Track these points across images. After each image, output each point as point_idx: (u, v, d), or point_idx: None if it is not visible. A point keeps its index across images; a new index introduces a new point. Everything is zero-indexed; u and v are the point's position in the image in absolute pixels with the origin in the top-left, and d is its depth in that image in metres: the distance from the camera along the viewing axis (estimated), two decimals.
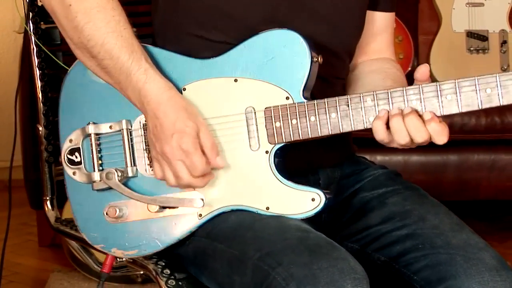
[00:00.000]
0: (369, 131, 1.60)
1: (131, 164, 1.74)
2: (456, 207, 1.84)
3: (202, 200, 1.68)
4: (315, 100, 1.61)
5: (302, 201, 1.64)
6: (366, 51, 1.91)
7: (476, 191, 3.79)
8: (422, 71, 1.58)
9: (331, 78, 1.77)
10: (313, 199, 1.63)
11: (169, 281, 1.73)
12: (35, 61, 2.03)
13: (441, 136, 1.55)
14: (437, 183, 3.66)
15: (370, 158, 1.92)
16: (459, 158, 3.73)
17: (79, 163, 1.78)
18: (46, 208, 2.07)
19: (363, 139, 1.68)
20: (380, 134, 1.58)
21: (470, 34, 4.06)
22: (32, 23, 2.01)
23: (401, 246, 1.69)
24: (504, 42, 4.04)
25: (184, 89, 1.69)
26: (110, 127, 1.75)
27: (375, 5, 1.88)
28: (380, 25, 1.91)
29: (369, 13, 1.89)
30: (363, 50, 1.91)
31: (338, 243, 1.73)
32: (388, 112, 1.56)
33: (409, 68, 4.08)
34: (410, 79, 1.68)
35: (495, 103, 1.53)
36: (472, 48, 4.05)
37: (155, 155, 1.67)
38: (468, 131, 3.65)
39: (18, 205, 3.54)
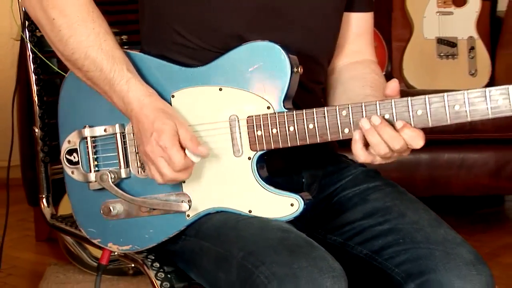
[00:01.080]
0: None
1: (125, 166, 1.73)
2: (428, 202, 1.84)
3: (189, 202, 1.68)
4: (294, 111, 1.60)
5: (282, 206, 1.64)
6: (346, 53, 1.89)
7: (446, 188, 3.80)
8: (392, 87, 1.56)
9: (310, 84, 1.76)
10: (292, 204, 1.63)
11: (158, 274, 1.74)
12: (31, 66, 2.03)
13: (417, 140, 1.53)
14: (410, 180, 3.67)
15: (349, 156, 1.91)
16: (431, 156, 3.74)
17: (77, 163, 1.77)
18: (43, 205, 2.06)
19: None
20: (362, 157, 1.57)
21: (440, 41, 4.07)
22: (28, 31, 2.01)
23: (383, 240, 1.69)
24: (472, 48, 4.05)
25: (173, 96, 1.69)
26: (105, 130, 1.74)
27: (350, 6, 1.85)
28: (358, 26, 1.89)
29: (346, 15, 1.86)
30: (343, 52, 1.89)
31: (322, 237, 1.75)
32: (362, 131, 1.55)
33: (383, 73, 4.08)
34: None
35: (463, 119, 1.51)
36: (442, 54, 4.06)
37: (142, 157, 1.67)
38: (438, 131, 3.60)
39: (16, 202, 3.55)
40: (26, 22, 2.00)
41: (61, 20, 1.66)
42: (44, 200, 2.06)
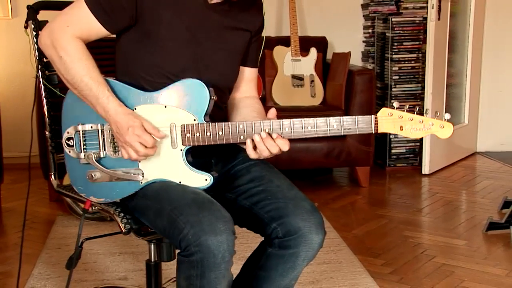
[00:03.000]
0: None
1: (103, 149, 1.71)
2: (288, 173, 1.85)
3: (142, 174, 1.68)
4: (211, 123, 1.62)
5: (200, 180, 1.65)
6: (241, 91, 1.88)
7: (299, 164, 3.82)
8: (271, 113, 1.63)
9: (219, 104, 1.75)
10: (206, 179, 1.64)
11: (122, 220, 1.73)
12: (43, 93, 1.97)
13: (285, 146, 1.61)
14: (277, 159, 3.66)
15: (242, 146, 1.90)
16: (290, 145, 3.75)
17: (72, 146, 1.75)
18: (52, 179, 2.01)
19: None
20: (252, 155, 1.62)
21: (294, 76, 4.09)
22: (41, 71, 1.95)
23: (258, 197, 1.70)
24: (312, 81, 4.08)
25: (135, 108, 1.67)
26: (91, 127, 1.72)
27: (244, 63, 1.85)
28: (248, 75, 1.88)
29: (242, 68, 1.86)
30: (239, 90, 1.88)
31: (223, 194, 1.74)
32: (253, 141, 1.60)
33: (260, 96, 4.08)
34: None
35: (312, 135, 1.60)
36: (295, 84, 4.08)
37: (121, 145, 1.65)
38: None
39: (37, 177, 3.47)
40: (40, 65, 1.94)
41: (65, 58, 1.63)
42: (52, 176, 2.01)
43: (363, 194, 3.84)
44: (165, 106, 1.65)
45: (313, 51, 4.13)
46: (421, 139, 4.26)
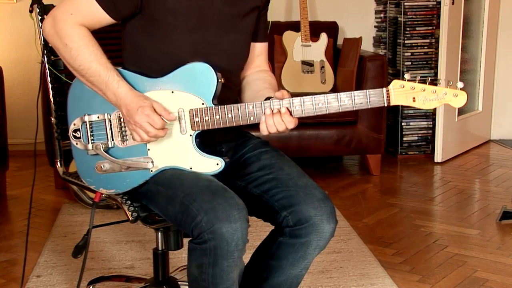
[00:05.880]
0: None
1: (111, 139, 1.71)
2: (297, 160, 1.84)
3: (152, 162, 1.67)
4: (219, 106, 1.61)
5: (211, 165, 1.64)
6: (252, 66, 1.88)
7: (308, 151, 3.82)
8: (282, 92, 1.62)
9: (230, 85, 1.75)
10: (217, 164, 1.64)
11: (129, 207, 1.73)
12: (48, 79, 1.97)
13: (291, 124, 1.59)
14: (287, 147, 3.68)
15: (251, 133, 1.90)
16: (299, 132, 3.76)
17: (80, 137, 1.75)
18: (57, 166, 2.02)
19: None
20: (265, 132, 1.61)
21: (304, 62, 4.08)
22: (46, 57, 1.96)
23: (268, 185, 1.70)
24: (322, 67, 4.06)
25: None
26: (98, 117, 1.72)
27: (254, 39, 1.85)
28: (258, 50, 1.88)
29: (252, 44, 1.85)
30: (250, 66, 1.87)
31: (232, 182, 1.73)
32: (265, 116, 1.60)
33: None
34: None
35: (323, 112, 1.58)
36: (305, 71, 4.06)
37: (131, 128, 1.64)
38: (303, 117, 3.65)
39: (42, 164, 3.49)
40: (45, 50, 1.94)
41: (71, 45, 1.62)
42: (58, 163, 2.02)
43: (374, 183, 3.83)
44: (172, 92, 1.65)
45: (324, 36, 4.11)
46: (434, 126, 4.24)
